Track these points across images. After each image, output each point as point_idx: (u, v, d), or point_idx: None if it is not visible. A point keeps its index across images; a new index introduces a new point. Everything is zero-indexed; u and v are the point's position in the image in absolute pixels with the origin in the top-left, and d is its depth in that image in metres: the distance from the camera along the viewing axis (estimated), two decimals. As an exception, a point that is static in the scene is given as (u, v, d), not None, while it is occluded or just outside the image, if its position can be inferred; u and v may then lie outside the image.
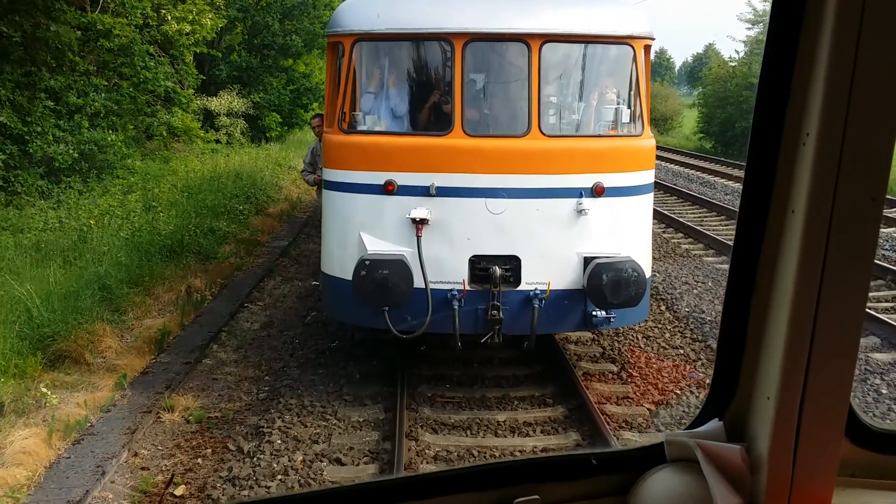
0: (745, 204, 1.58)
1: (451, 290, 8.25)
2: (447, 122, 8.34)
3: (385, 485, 1.80)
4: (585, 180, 8.30)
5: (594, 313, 8.33)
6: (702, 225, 19.24)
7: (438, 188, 8.20)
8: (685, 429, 1.81)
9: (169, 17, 25.71)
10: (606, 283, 7.78)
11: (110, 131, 20.67)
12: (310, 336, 11.13)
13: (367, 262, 7.79)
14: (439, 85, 8.79)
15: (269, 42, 34.77)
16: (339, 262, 8.70)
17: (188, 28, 26.32)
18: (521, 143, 8.27)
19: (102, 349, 10.35)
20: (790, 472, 1.60)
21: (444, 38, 8.33)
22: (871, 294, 12.81)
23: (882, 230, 17.73)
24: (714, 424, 1.73)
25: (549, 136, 8.33)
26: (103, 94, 21.53)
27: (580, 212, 8.27)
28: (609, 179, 8.35)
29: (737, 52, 58.67)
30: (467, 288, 8.24)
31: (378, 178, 8.34)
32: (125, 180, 20.25)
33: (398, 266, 7.82)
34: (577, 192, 8.28)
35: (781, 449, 1.59)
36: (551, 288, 8.25)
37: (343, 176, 8.58)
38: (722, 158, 37.53)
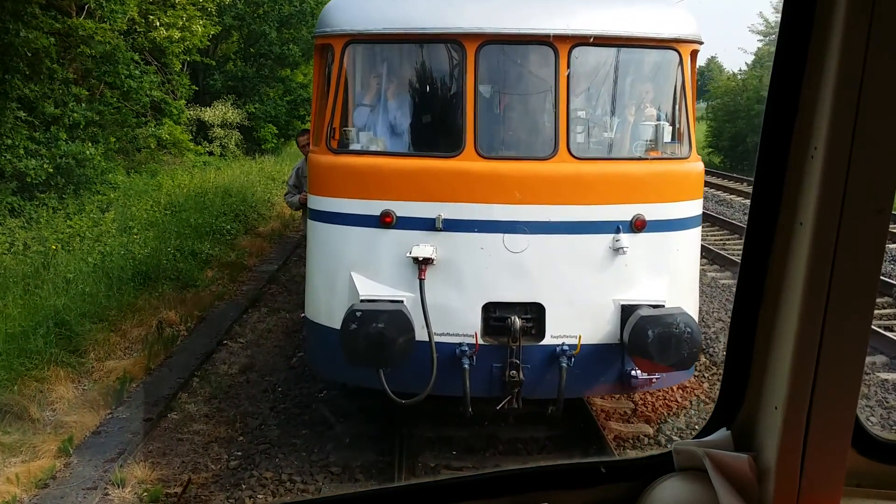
0: (753, 216, 1.59)
1: (460, 344, 6.82)
2: (457, 141, 6.91)
3: (395, 491, 1.78)
4: (623, 212, 6.87)
5: (633, 373, 6.88)
6: (725, 249, 17.79)
7: (446, 221, 6.77)
8: (693, 438, 1.79)
9: (157, 24, 24.35)
10: (653, 342, 6.32)
11: (90, 144, 19.21)
12: (295, 383, 9.68)
13: (359, 314, 6.34)
14: (448, 96, 7.37)
15: (266, 51, 33.89)
16: (325, 308, 7.26)
17: (178, 35, 24.95)
18: (545, 166, 6.84)
19: (52, 400, 8.92)
20: (797, 482, 1.59)
21: (454, 39, 6.91)
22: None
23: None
24: (722, 433, 1.73)
25: (579, 159, 6.90)
26: (84, 105, 20.12)
27: (617, 250, 6.84)
28: (651, 211, 6.92)
29: (746, 63, 57.10)
30: (480, 342, 6.81)
31: (373, 207, 6.91)
32: (105, 196, 18.82)
33: (396, 318, 6.36)
34: (614, 227, 6.85)
35: (789, 458, 1.58)
36: (582, 342, 6.81)
37: (331, 204, 7.15)
38: (733, 175, 36.05)
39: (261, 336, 11.72)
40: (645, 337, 6.35)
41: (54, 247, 13.23)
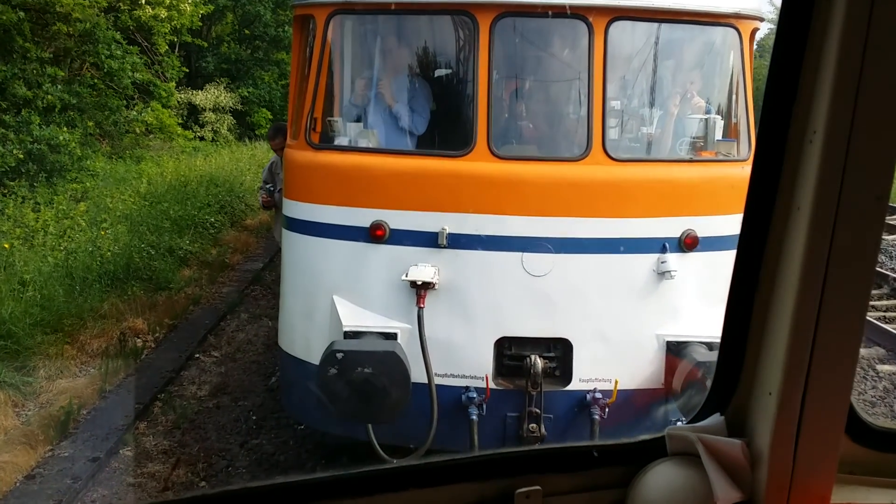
0: (750, 200, 1.57)
1: (466, 388, 5.55)
2: (466, 136, 5.59)
3: (387, 473, 1.73)
4: (671, 226, 5.58)
5: (679, 425, 5.56)
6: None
7: (451, 236, 5.48)
8: (686, 422, 1.78)
9: (143, 1, 22.95)
10: (713, 396, 5.00)
11: (65, 128, 17.84)
12: (271, 410, 8.39)
13: (340, 355, 5.02)
14: (455, 81, 6.05)
15: (261, 33, 33.04)
16: (301, 339, 5.96)
17: (165, 14, 23.56)
18: (576, 169, 5.53)
19: (-13, 431, 7.61)
20: (790, 468, 1.60)
21: (463, 10, 5.59)
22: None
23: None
24: (715, 419, 1.72)
25: (617, 161, 5.58)
26: (60, 86, 18.74)
27: (662, 274, 5.55)
28: (704, 225, 5.63)
29: (758, 52, 55.68)
30: (492, 386, 5.53)
31: (361, 217, 5.62)
32: (81, 185, 17.45)
33: (388, 362, 5.05)
34: (659, 245, 5.56)
35: (782, 444, 1.59)
36: (618, 388, 5.51)
37: (310, 212, 5.83)
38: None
39: (238, 348, 10.43)
40: (703, 388, 5.04)
41: (7, 245, 11.85)
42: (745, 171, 5.93)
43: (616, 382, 5.52)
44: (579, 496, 1.73)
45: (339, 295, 5.68)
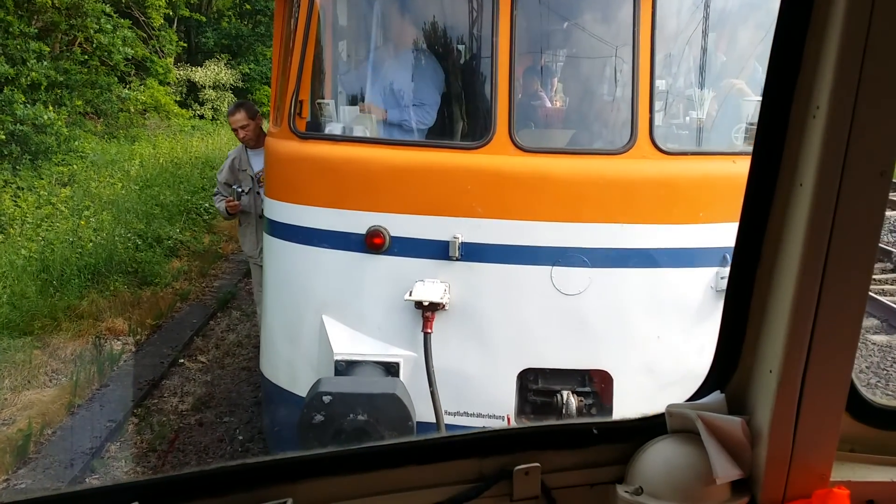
0: (753, 176, 1.55)
1: (483, 430, 4.57)
2: (483, 124, 4.61)
3: (387, 449, 1.72)
4: (733, 234, 4.56)
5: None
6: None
7: (465, 246, 4.52)
8: (686, 400, 1.78)
9: (134, -28, 22.02)
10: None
11: (51, 108, 16.88)
12: (260, 429, 7.46)
13: (328, 399, 4.05)
14: (469, 57, 5.06)
15: (262, 7, 32.55)
16: (286, 366, 5.02)
17: (158, -16, 22.64)
18: (617, 165, 4.55)
19: (-62, 454, 6.72)
20: (790, 446, 1.60)
21: (481, -30, 4.58)
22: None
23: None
24: (716, 396, 1.72)
25: (667, 154, 4.59)
26: (46, 63, 17.76)
27: (722, 291, 4.56)
28: (772, 233, 4.61)
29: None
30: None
31: (356, 221, 4.66)
32: (68, 167, 16.52)
33: (387, 408, 4.09)
34: (718, 257, 4.61)
35: (782, 422, 1.58)
36: (667, 430, 4.55)
37: (295, 215, 4.87)
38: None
39: (227, 352, 9.51)
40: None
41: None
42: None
43: (665, 424, 4.57)
44: (578, 473, 1.73)
45: (330, 315, 4.72)
